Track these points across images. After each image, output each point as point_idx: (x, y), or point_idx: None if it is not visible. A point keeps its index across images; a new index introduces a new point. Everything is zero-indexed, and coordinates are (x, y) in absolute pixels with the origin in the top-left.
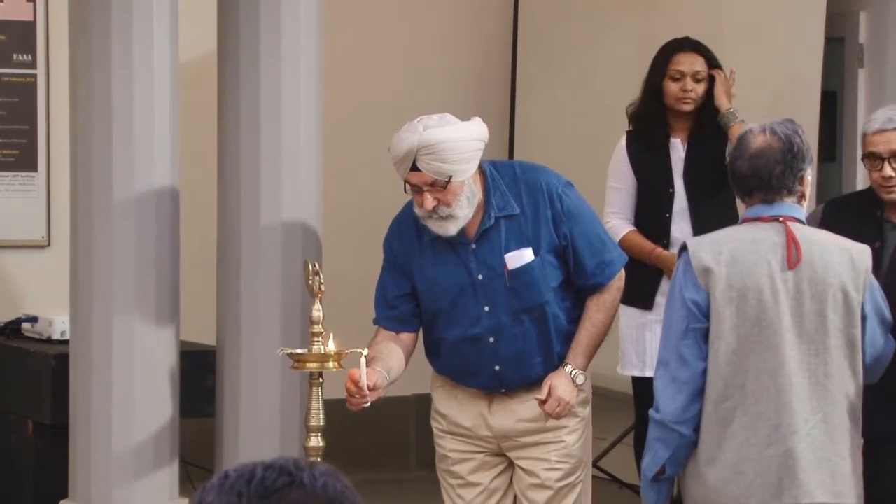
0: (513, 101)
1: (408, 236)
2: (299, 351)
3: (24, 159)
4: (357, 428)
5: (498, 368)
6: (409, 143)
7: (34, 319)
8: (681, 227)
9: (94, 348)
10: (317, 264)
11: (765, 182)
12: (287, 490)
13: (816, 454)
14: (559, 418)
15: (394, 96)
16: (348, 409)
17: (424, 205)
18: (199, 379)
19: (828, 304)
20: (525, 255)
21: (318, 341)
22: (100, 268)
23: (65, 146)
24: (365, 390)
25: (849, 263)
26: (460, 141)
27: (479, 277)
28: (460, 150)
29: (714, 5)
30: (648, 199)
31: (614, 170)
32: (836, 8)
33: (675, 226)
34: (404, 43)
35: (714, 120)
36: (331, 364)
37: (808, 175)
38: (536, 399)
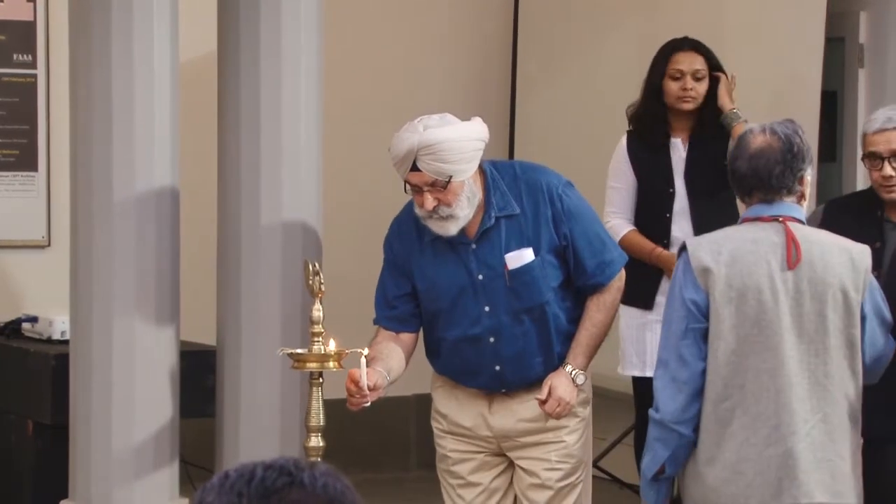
0: (513, 101)
1: (408, 236)
2: (299, 351)
3: (25, 159)
4: (357, 428)
5: (498, 368)
6: (410, 144)
7: (34, 319)
8: (681, 227)
9: (95, 348)
10: (317, 264)
11: (764, 182)
12: (287, 490)
13: (816, 454)
14: (559, 418)
15: (394, 96)
16: (348, 408)
17: (425, 205)
18: (200, 379)
19: (827, 304)
20: (525, 255)
21: (319, 341)
22: (100, 268)
23: (65, 146)
24: (365, 390)
25: (849, 263)
26: (460, 141)
27: (480, 277)
28: (460, 150)
29: (714, 5)
30: (649, 198)
31: (614, 169)
32: (836, 8)
33: (675, 225)
34: (404, 43)
35: (715, 119)
36: (331, 364)
37: (808, 175)
38: (537, 399)
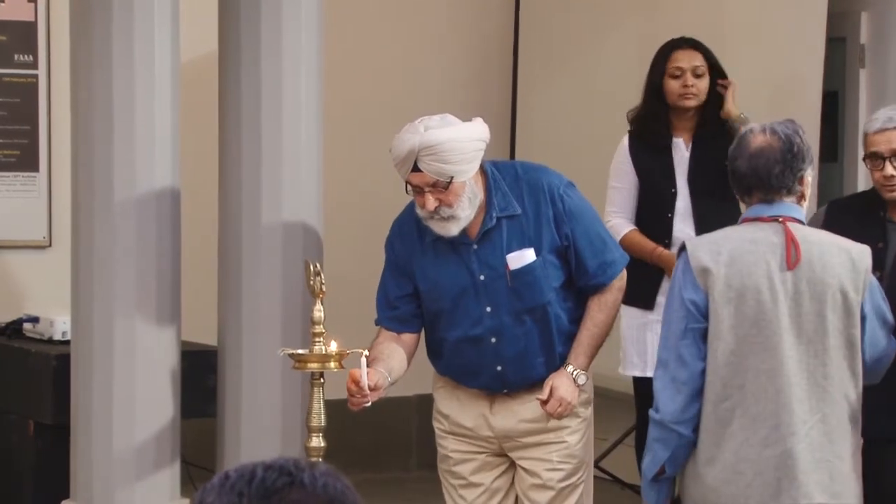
0: (514, 101)
1: (409, 237)
2: (300, 351)
3: (26, 159)
4: (358, 428)
5: (500, 369)
6: (411, 144)
7: (35, 320)
8: (683, 227)
9: (96, 348)
10: (318, 264)
11: (764, 181)
12: (287, 490)
13: (815, 455)
14: (561, 418)
15: (394, 96)
16: (349, 409)
17: (426, 205)
18: (201, 379)
19: (827, 305)
20: (527, 255)
21: (320, 341)
22: (101, 268)
23: (66, 146)
24: (366, 390)
25: (848, 264)
26: (461, 141)
27: (481, 278)
28: (461, 150)
29: (714, 5)
30: (650, 198)
31: (616, 169)
32: (837, 8)
33: (677, 225)
34: (405, 43)
35: (717, 118)
36: (332, 364)
37: (809, 175)
38: (538, 399)
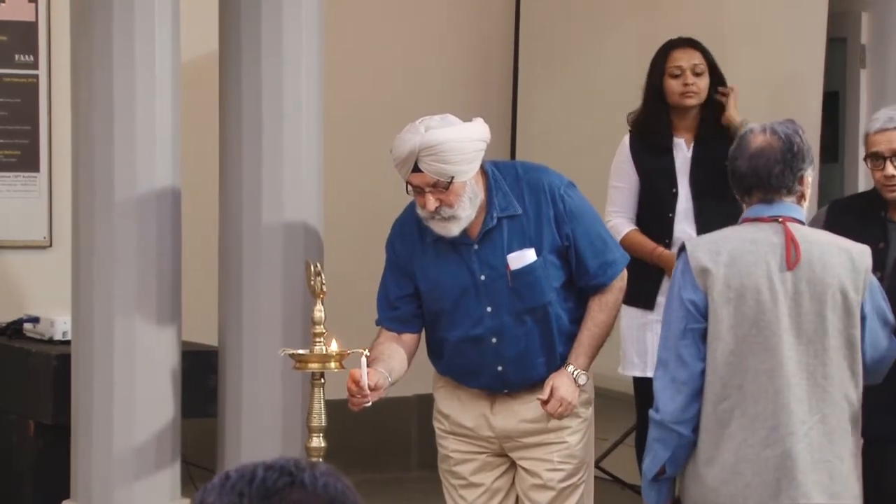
0: (514, 101)
1: (410, 237)
2: (301, 351)
3: (26, 160)
4: (359, 428)
5: (500, 369)
6: (411, 145)
7: (36, 320)
8: (684, 227)
9: (96, 348)
10: (318, 264)
11: (764, 181)
12: (288, 490)
13: (814, 455)
14: (561, 418)
15: (395, 97)
16: (350, 409)
17: (427, 206)
18: (201, 379)
19: (827, 305)
20: (527, 255)
21: (320, 342)
22: (101, 268)
23: (66, 146)
24: (366, 390)
25: (849, 264)
26: (462, 142)
27: (482, 278)
28: (462, 150)
29: (714, 5)
30: (651, 198)
31: (617, 169)
32: (837, 8)
33: (677, 226)
34: (406, 43)
35: (717, 118)
36: (332, 364)
37: (809, 175)
38: (539, 399)
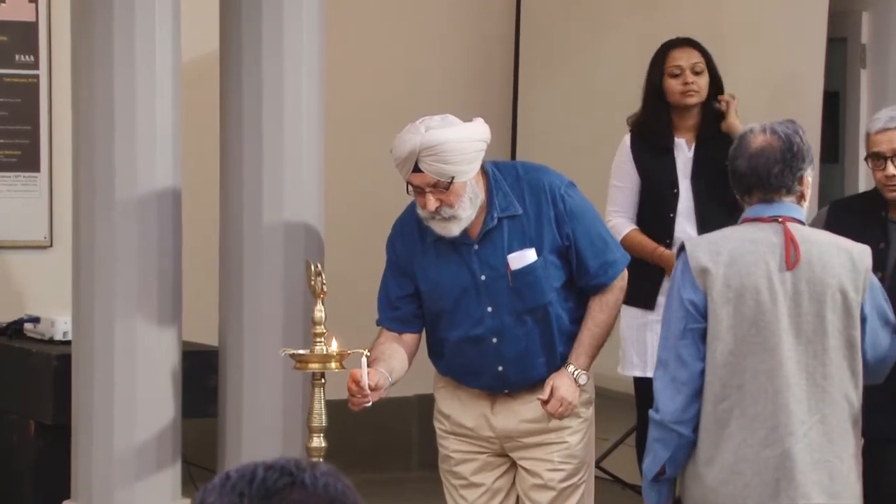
0: (515, 101)
1: (410, 237)
2: (301, 351)
3: (27, 160)
4: (359, 428)
5: (501, 369)
6: (412, 145)
7: (36, 320)
8: (685, 227)
9: (97, 349)
10: (319, 265)
11: (763, 181)
12: (288, 490)
13: (814, 455)
14: (562, 418)
15: (396, 97)
16: (350, 409)
17: (427, 206)
18: (202, 379)
19: (826, 305)
20: (528, 255)
21: (321, 342)
22: (102, 268)
23: (67, 146)
24: (366, 390)
25: (848, 264)
26: (462, 142)
27: (482, 278)
28: (462, 150)
29: (714, 5)
30: (652, 198)
31: (618, 168)
32: (838, 8)
33: (678, 226)
34: (406, 43)
35: (717, 118)
36: (333, 364)
37: (809, 175)
38: (539, 399)
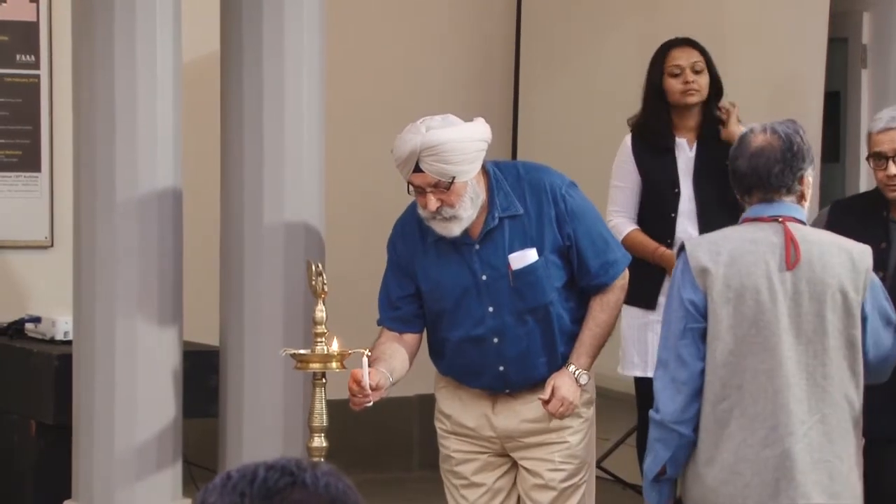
0: (516, 101)
1: (411, 237)
2: (302, 351)
3: (28, 160)
4: (360, 428)
5: (502, 369)
6: (412, 145)
7: (37, 320)
8: (686, 227)
9: (98, 348)
10: (320, 264)
11: (764, 180)
12: (289, 490)
13: (814, 455)
14: (563, 418)
15: (396, 97)
16: (351, 409)
17: (428, 206)
18: (203, 379)
19: (826, 305)
20: (529, 255)
21: (322, 342)
22: (103, 268)
23: (68, 146)
24: (367, 390)
25: (849, 264)
26: (463, 142)
27: (483, 278)
28: (463, 150)
29: (715, 5)
30: (653, 198)
31: (619, 168)
32: (839, 8)
33: (679, 225)
34: (407, 43)
35: (717, 118)
36: (334, 364)
37: (809, 175)
38: (540, 399)
